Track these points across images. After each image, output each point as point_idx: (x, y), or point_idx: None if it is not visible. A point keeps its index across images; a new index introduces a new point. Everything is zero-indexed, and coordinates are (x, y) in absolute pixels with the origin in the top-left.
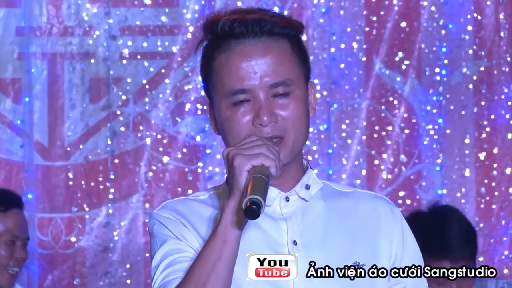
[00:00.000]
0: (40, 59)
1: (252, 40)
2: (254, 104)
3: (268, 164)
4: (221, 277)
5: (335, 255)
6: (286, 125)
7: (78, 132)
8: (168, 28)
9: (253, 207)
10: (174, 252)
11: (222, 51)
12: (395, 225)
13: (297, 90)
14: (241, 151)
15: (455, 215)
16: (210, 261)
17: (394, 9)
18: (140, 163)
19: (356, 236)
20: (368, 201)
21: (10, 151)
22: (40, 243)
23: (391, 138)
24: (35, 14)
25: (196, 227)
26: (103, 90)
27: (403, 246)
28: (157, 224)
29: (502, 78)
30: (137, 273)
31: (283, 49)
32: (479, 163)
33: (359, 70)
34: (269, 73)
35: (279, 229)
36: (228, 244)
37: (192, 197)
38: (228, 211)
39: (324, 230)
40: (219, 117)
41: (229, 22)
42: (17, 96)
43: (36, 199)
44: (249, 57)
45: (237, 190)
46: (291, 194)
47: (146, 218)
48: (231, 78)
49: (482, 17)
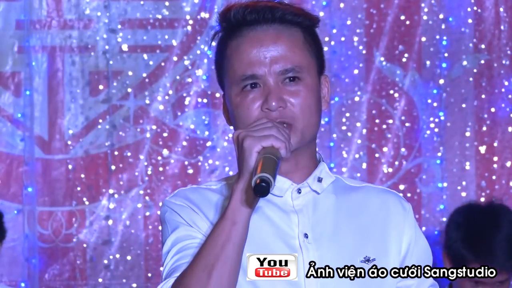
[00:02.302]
0: (40, 52)
1: (264, 27)
2: (264, 89)
3: (278, 146)
4: (230, 259)
5: (346, 249)
6: (295, 111)
7: (78, 125)
8: (168, 21)
9: (262, 184)
10: (185, 238)
11: (234, 38)
12: (405, 220)
13: (307, 79)
14: (251, 133)
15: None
16: (219, 242)
17: (394, 2)
18: (140, 157)
19: (366, 231)
20: (379, 196)
21: (10, 144)
22: (41, 237)
23: (392, 131)
24: (35, 7)
25: (207, 214)
26: (103, 84)
27: (413, 242)
28: (169, 211)
29: (502, 71)
30: (137, 267)
31: (295, 37)
32: (479, 156)
33: (360, 63)
34: (279, 59)
35: (290, 221)
36: (237, 225)
37: (204, 186)
38: (237, 192)
39: (335, 224)
40: (229, 105)
41: (242, 10)
42: (17, 89)
43: (36, 192)
44: (260, 43)
45: (246, 171)
46: (303, 186)
47: (147, 211)
48: (242, 64)
49: (482, 10)
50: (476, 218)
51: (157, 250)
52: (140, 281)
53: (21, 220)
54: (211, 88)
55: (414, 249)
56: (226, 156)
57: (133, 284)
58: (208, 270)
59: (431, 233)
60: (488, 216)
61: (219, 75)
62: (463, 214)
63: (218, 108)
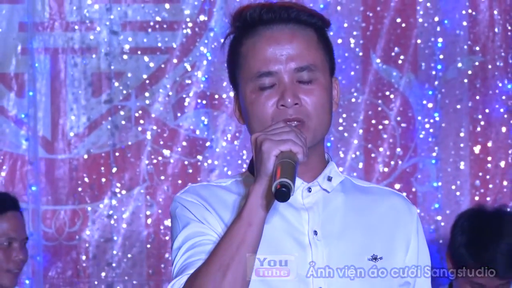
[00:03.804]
0: (43, 54)
1: (280, 26)
2: (279, 87)
3: (296, 150)
4: (243, 261)
5: (354, 247)
6: (309, 109)
7: (80, 125)
8: (168, 24)
9: (283, 189)
10: (197, 234)
11: (249, 37)
12: (411, 222)
13: (321, 78)
14: (270, 137)
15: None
16: (234, 243)
17: (390, 5)
18: (142, 157)
19: (374, 230)
20: (387, 198)
21: (14, 144)
22: (44, 235)
23: (388, 131)
24: (38, 9)
25: (219, 211)
26: (105, 85)
27: (418, 243)
28: (179, 207)
29: (496, 73)
30: (139, 264)
31: (309, 37)
32: (473, 156)
33: (356, 65)
34: (295, 57)
35: (300, 218)
36: (253, 227)
37: (215, 183)
38: (254, 194)
39: (344, 222)
40: (243, 102)
41: (258, 9)
42: (21, 90)
43: (40, 191)
44: (276, 42)
45: (264, 174)
46: (313, 185)
47: (148, 210)
48: (258, 61)
49: (476, 13)
50: (481, 224)
51: (159, 248)
52: (141, 278)
53: (26, 219)
54: (211, 90)
55: (419, 250)
56: (225, 156)
57: (134, 281)
58: (223, 270)
59: (426, 231)
60: (494, 223)
61: (231, 73)
62: (469, 219)
63: (217, 109)
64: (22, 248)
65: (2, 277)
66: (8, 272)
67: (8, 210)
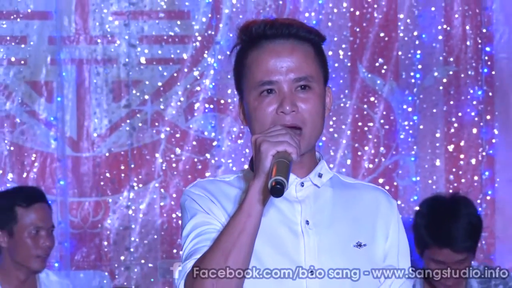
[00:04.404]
0: (70, 64)
1: (281, 40)
2: (279, 95)
3: (290, 151)
4: (244, 246)
5: (341, 235)
6: (305, 116)
7: (102, 127)
8: (179, 38)
9: (277, 186)
10: (203, 224)
11: (254, 49)
12: (392, 214)
13: (316, 88)
14: (268, 138)
15: (467, 210)
16: (235, 232)
17: (375, 21)
18: (156, 154)
19: (358, 220)
20: (370, 192)
21: (44, 144)
22: (71, 224)
23: (372, 132)
24: (65, 25)
25: (223, 203)
26: (124, 91)
27: (397, 232)
28: (188, 199)
29: (468, 81)
30: (154, 249)
31: (307, 51)
32: (448, 154)
33: (345, 74)
34: (294, 69)
35: (294, 210)
36: (252, 218)
37: (219, 178)
38: (253, 189)
39: (332, 213)
40: (247, 108)
41: (262, 25)
42: (50, 96)
43: (67, 185)
44: (277, 54)
45: (262, 172)
46: (305, 181)
47: (162, 201)
48: (261, 72)
49: (451, 28)
50: (438, 208)
51: (171, 235)
52: (156, 261)
53: (55, 209)
54: (217, 96)
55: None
56: (230, 154)
57: (150, 264)
58: (226, 255)
59: (406, 220)
60: (450, 206)
61: (237, 81)
62: (428, 204)
63: (223, 112)
64: (49, 236)
65: (32, 262)
66: (37, 257)
67: (35, 202)
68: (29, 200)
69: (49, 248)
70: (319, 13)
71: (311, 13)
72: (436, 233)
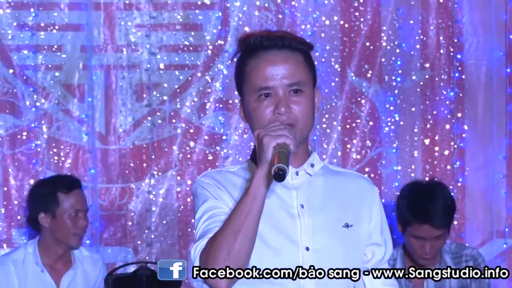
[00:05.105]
0: (99, 69)
1: (276, 51)
2: (275, 98)
3: (288, 142)
4: (250, 226)
5: (331, 217)
6: (297, 115)
7: (127, 124)
8: (193, 47)
9: (280, 172)
10: (213, 208)
11: (253, 58)
12: (374, 199)
13: (307, 91)
14: (269, 132)
15: (443, 192)
16: (243, 213)
17: (361, 33)
18: (174, 147)
19: (346, 204)
20: (355, 180)
21: (77, 138)
22: (100, 207)
23: (359, 128)
24: (95, 36)
25: (229, 190)
26: (146, 93)
27: (380, 214)
28: (199, 187)
29: (442, 84)
30: (171, 228)
31: (299, 59)
32: (424, 147)
33: (336, 78)
34: (287, 76)
35: (290, 195)
36: (257, 201)
37: (225, 169)
38: (258, 176)
39: (323, 198)
40: (248, 109)
41: (260, 37)
42: (82, 97)
43: (97, 173)
44: (273, 63)
45: (265, 161)
46: (300, 170)
47: (178, 187)
48: (259, 78)
49: (427, 38)
50: (418, 191)
51: (186, 216)
52: (173, 239)
53: (86, 194)
54: (226, 96)
55: (381, 218)
56: (237, 147)
57: (168, 241)
58: (235, 233)
59: (388, 203)
60: (428, 189)
61: (238, 85)
62: (409, 188)
63: (231, 111)
64: (85, 217)
65: (71, 239)
66: (75, 235)
67: (74, 189)
68: (69, 187)
69: (86, 227)
70: (313, 26)
71: (306, 26)
72: (417, 212)
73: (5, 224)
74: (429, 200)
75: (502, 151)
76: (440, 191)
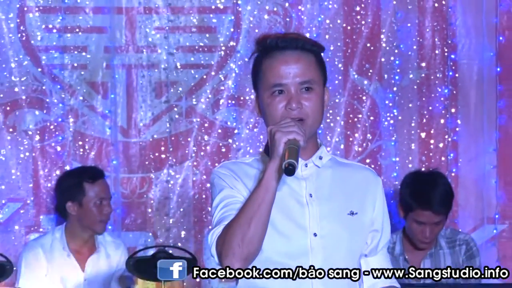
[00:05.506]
0: (121, 68)
1: (290, 51)
2: (287, 95)
3: (298, 138)
4: (263, 215)
5: (338, 205)
6: (308, 111)
7: (147, 118)
8: (208, 48)
9: (290, 167)
10: (229, 197)
11: (268, 58)
12: (378, 189)
13: (317, 89)
14: (280, 129)
15: (443, 181)
16: (256, 203)
17: (363, 34)
18: (190, 140)
19: (351, 194)
20: (361, 171)
21: (101, 131)
22: (122, 195)
23: (361, 122)
24: (117, 37)
25: (244, 180)
26: (164, 90)
27: (382, 203)
28: (216, 177)
29: (437, 82)
30: (188, 215)
31: (310, 60)
32: (421, 140)
33: (339, 76)
34: (299, 74)
35: (300, 186)
36: (269, 192)
37: (240, 160)
38: (270, 169)
39: (330, 188)
40: (262, 104)
41: (275, 39)
42: (105, 94)
43: (119, 164)
44: (286, 62)
45: (276, 155)
46: (309, 162)
47: (194, 177)
48: (273, 76)
49: (423, 40)
50: (419, 179)
51: (201, 204)
52: (189, 224)
53: (109, 183)
54: (238, 93)
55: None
56: (248, 140)
57: (184, 226)
58: (248, 221)
59: (387, 191)
60: (430, 178)
61: (254, 83)
62: (411, 177)
63: (242, 107)
64: (108, 204)
65: (97, 225)
66: (101, 222)
67: (99, 179)
68: (94, 177)
69: (109, 214)
70: (318, 28)
71: (312, 28)
72: (421, 199)
73: (35, 211)
74: (431, 188)
75: (493, 144)
76: (440, 180)
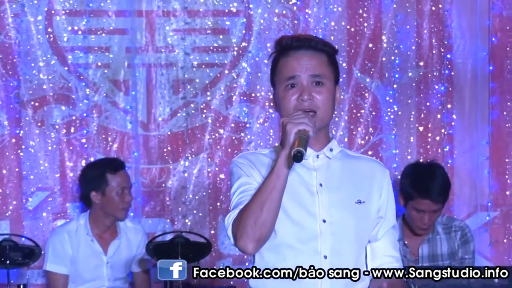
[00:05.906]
0: (141, 67)
1: (303, 50)
2: (300, 87)
3: (308, 129)
4: (274, 200)
5: (346, 194)
6: (318, 103)
7: (165, 113)
8: (222, 48)
9: (298, 154)
10: (245, 184)
11: (284, 57)
12: (384, 180)
13: (328, 84)
14: (291, 120)
15: (441, 172)
16: (268, 189)
17: (365, 36)
18: (205, 133)
19: (359, 184)
20: (369, 163)
21: (123, 125)
22: (142, 184)
23: (363, 117)
24: (138, 38)
25: (259, 169)
26: (181, 87)
27: (388, 192)
28: (235, 166)
29: (434, 80)
30: (203, 203)
31: (322, 58)
32: (419, 133)
33: (343, 75)
34: (311, 69)
35: (311, 175)
36: (280, 178)
37: (258, 151)
38: (281, 157)
39: (340, 178)
40: (277, 98)
41: (291, 39)
42: (127, 91)
43: (139, 156)
44: (300, 59)
45: (287, 145)
46: (320, 154)
47: (209, 168)
48: (287, 70)
49: (421, 40)
50: (419, 170)
51: (216, 192)
52: (204, 211)
53: (130, 174)
54: (249, 90)
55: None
56: (258, 133)
57: (200, 213)
58: (261, 206)
59: None
60: (429, 169)
61: (272, 79)
62: (411, 168)
63: (253, 103)
64: (129, 193)
65: (119, 213)
66: (123, 209)
67: (120, 169)
68: (115, 168)
69: (130, 202)
70: (324, 30)
71: (318, 30)
72: (421, 188)
73: (61, 199)
74: (430, 179)
75: (485, 137)
76: (439, 171)
